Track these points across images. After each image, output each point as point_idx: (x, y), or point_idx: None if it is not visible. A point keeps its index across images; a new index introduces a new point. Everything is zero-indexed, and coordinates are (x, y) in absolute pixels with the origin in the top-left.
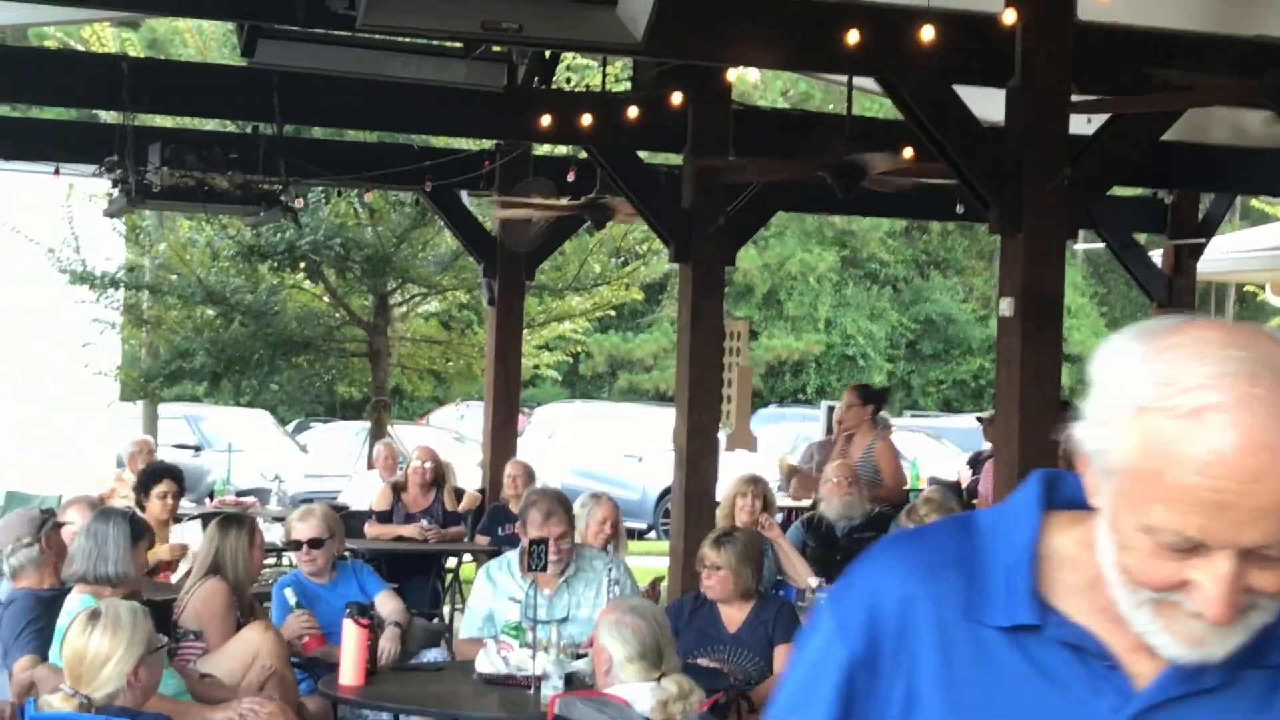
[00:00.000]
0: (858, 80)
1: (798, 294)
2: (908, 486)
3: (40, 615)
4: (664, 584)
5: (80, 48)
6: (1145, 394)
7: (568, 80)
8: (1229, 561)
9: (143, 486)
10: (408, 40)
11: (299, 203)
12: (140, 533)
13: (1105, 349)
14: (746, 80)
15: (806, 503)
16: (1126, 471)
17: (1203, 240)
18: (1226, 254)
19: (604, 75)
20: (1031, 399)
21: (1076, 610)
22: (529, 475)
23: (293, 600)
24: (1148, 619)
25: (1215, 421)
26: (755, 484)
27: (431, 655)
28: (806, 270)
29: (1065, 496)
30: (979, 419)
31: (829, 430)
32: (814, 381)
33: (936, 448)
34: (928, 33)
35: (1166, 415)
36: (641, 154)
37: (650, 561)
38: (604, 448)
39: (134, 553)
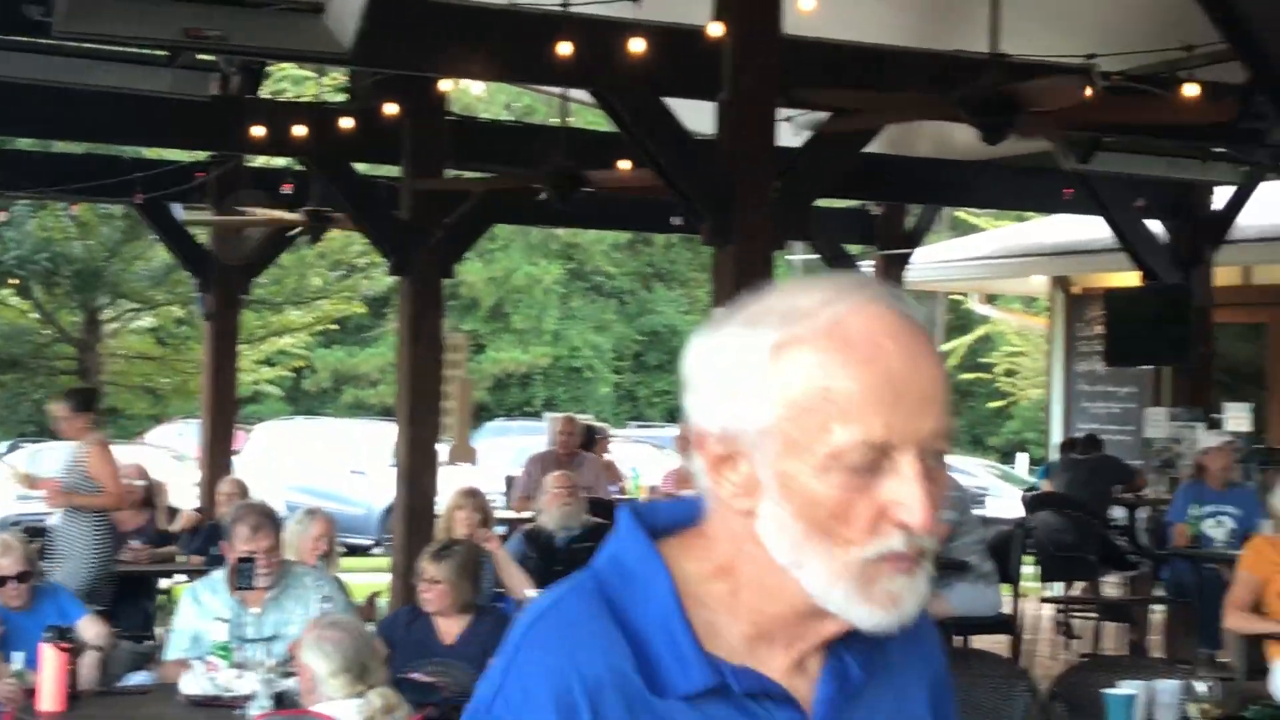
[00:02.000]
0: (579, 93)
1: (524, 307)
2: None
3: None
4: (382, 599)
5: None
6: (773, 335)
7: (283, 90)
8: (915, 461)
9: None
10: (110, 48)
11: (2, 215)
12: None
13: (699, 343)
14: (470, 93)
15: (528, 514)
16: (787, 417)
17: (908, 250)
18: (932, 264)
19: (319, 86)
20: None
21: (732, 652)
22: (243, 493)
23: None
24: (844, 588)
25: (858, 319)
26: (474, 497)
27: (138, 678)
28: (532, 283)
29: (662, 525)
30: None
31: (551, 442)
32: (541, 394)
33: (661, 458)
34: (637, 45)
35: (808, 337)
36: (360, 166)
37: (374, 577)
38: (328, 464)
39: None
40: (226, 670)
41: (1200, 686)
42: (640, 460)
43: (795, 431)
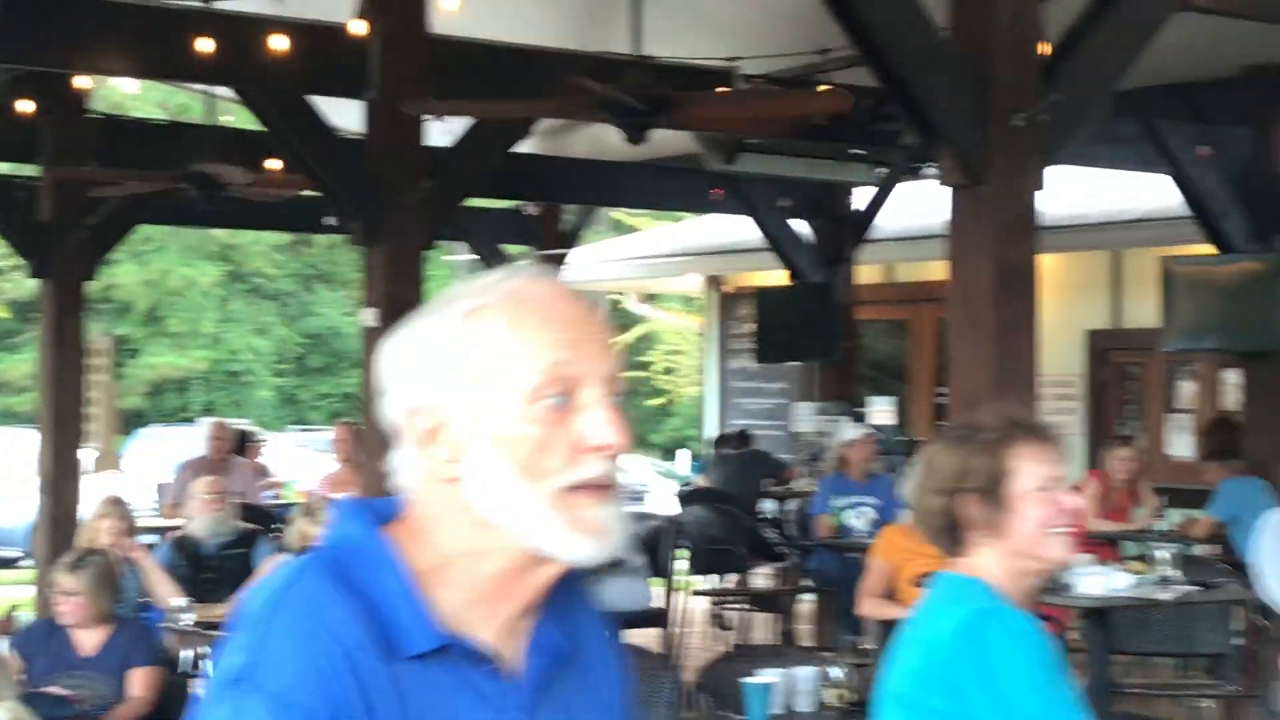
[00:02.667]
0: (227, 91)
1: (181, 310)
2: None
3: None
4: (20, 611)
5: None
6: (462, 308)
7: None
8: (602, 389)
9: None
10: None
11: None
12: None
13: (395, 340)
14: (120, 91)
15: (180, 521)
16: (484, 373)
17: (565, 251)
18: (590, 264)
19: None
20: None
21: (451, 618)
22: None
23: None
24: (553, 521)
25: (535, 286)
26: (117, 505)
27: None
28: (189, 285)
29: (382, 514)
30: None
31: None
32: (200, 399)
33: (321, 461)
34: (280, 42)
35: (493, 302)
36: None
37: (21, 590)
38: None
39: None
40: None
41: (836, 672)
42: (301, 464)
43: (493, 385)
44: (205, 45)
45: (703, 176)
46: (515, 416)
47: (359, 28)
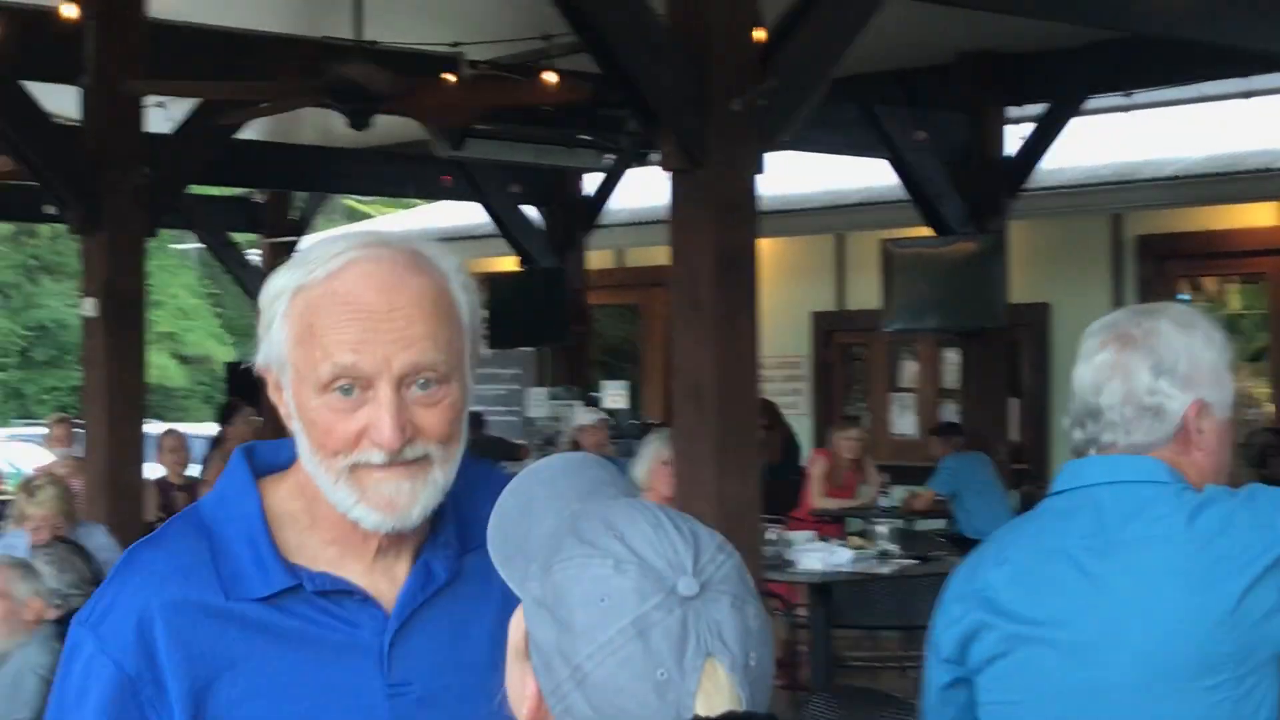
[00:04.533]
0: None
1: None
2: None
3: None
4: None
5: None
6: (291, 281)
7: None
8: (389, 389)
9: None
10: None
11: None
12: None
13: (261, 294)
14: None
15: None
16: (294, 351)
17: (295, 239)
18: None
19: None
20: (119, 397)
21: (314, 560)
22: None
23: None
24: (346, 491)
25: (351, 270)
26: None
27: None
28: None
29: (267, 462)
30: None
31: None
32: None
33: (42, 453)
34: None
35: (313, 284)
36: None
37: None
38: None
39: None
40: None
41: None
42: (23, 457)
43: (299, 363)
44: None
45: (432, 163)
46: (312, 398)
47: (70, 11)
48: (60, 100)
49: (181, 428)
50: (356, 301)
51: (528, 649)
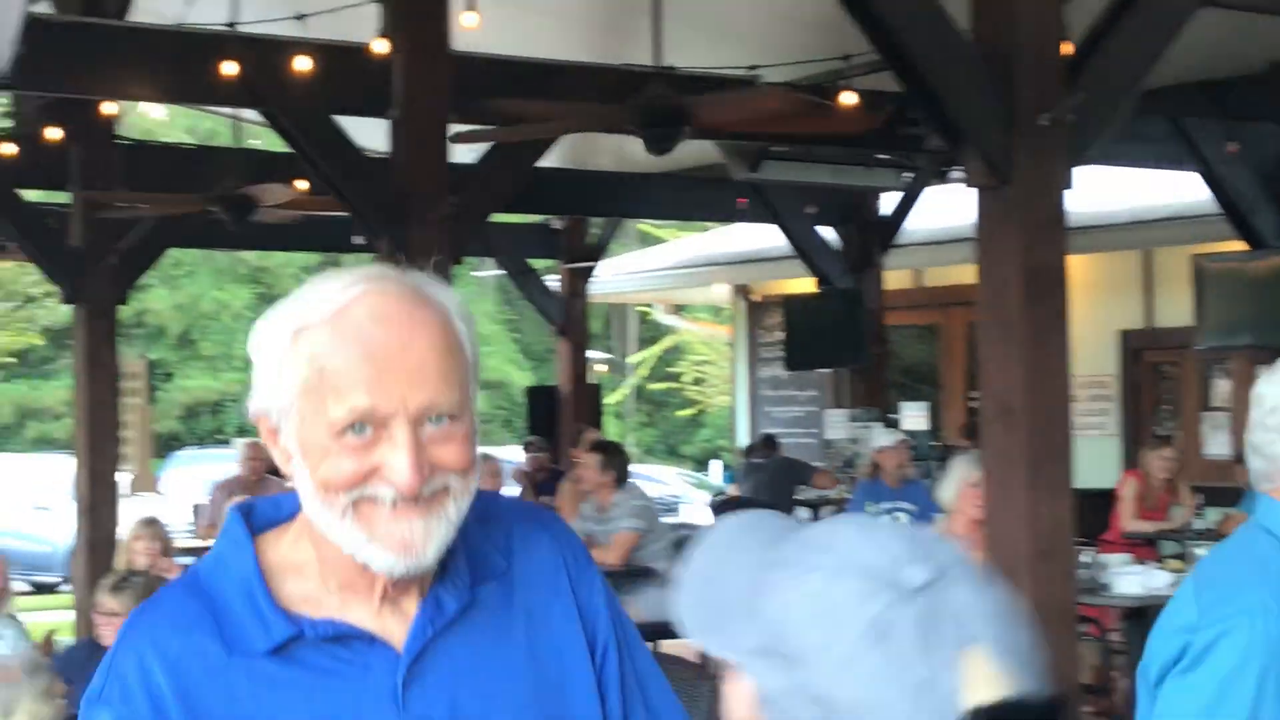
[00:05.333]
0: (253, 113)
1: (213, 333)
2: None
3: None
4: (63, 635)
5: None
6: (296, 320)
7: None
8: (405, 428)
9: None
10: None
11: None
12: None
13: (253, 336)
14: (149, 117)
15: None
16: (300, 393)
17: (592, 264)
18: (618, 276)
19: None
20: None
21: (318, 608)
22: None
23: None
24: (354, 531)
25: (360, 306)
26: (152, 526)
27: None
28: (220, 308)
29: (266, 518)
30: None
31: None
32: (234, 421)
33: None
34: (304, 63)
35: (317, 324)
36: (29, 193)
37: (61, 614)
38: (11, 500)
39: None
40: None
41: None
42: None
43: (306, 406)
44: (230, 68)
45: (728, 186)
46: (322, 439)
47: (381, 47)
48: (370, 134)
49: (494, 451)
50: (368, 340)
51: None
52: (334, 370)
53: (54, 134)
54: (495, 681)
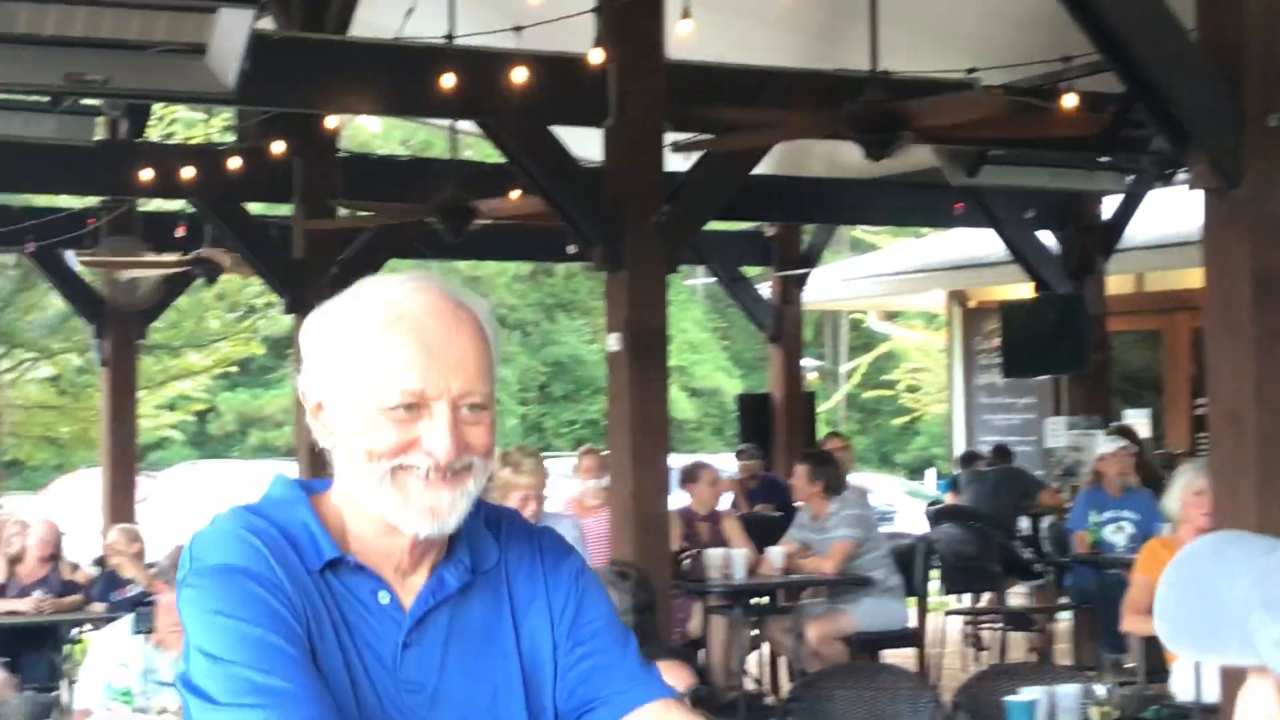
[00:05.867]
0: (471, 125)
1: None
2: None
3: None
4: None
5: None
6: (347, 311)
7: (174, 134)
8: (448, 410)
9: None
10: None
11: None
12: None
13: (305, 325)
14: (365, 130)
15: None
16: (352, 373)
17: (805, 271)
18: (831, 283)
19: (208, 127)
20: (642, 430)
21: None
22: (132, 540)
23: None
24: (390, 497)
25: (409, 301)
26: None
27: None
28: None
29: (306, 486)
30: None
31: None
32: None
33: (566, 484)
34: (520, 75)
35: (371, 315)
36: (253, 206)
37: None
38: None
39: None
40: (130, 717)
41: (1100, 690)
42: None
43: (357, 384)
44: (448, 81)
45: (944, 191)
46: (369, 417)
47: (597, 57)
48: (584, 143)
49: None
50: (420, 328)
51: None
52: (388, 355)
53: (278, 148)
54: (480, 657)
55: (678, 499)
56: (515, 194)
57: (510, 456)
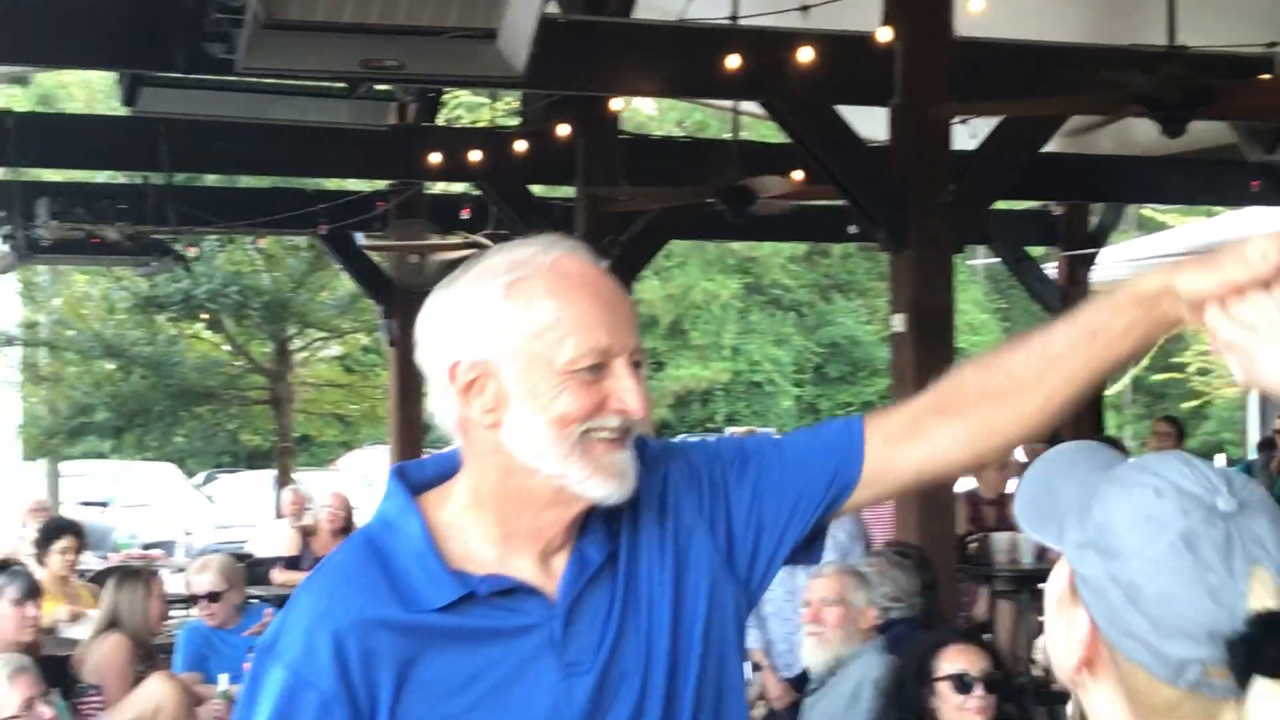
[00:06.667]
0: (751, 106)
1: (702, 323)
2: None
3: None
4: None
5: None
6: (503, 279)
7: (458, 118)
8: (627, 364)
9: (43, 543)
10: (290, 83)
11: (192, 251)
12: (28, 589)
13: (432, 303)
14: (642, 112)
15: None
16: (529, 336)
17: (1093, 251)
18: (1119, 263)
19: (493, 111)
20: None
21: (481, 565)
22: None
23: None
24: (579, 464)
25: (570, 261)
26: None
27: None
28: (710, 299)
29: (420, 480)
30: None
31: None
32: (722, 409)
33: None
34: (806, 54)
35: (534, 275)
36: (535, 187)
37: None
38: None
39: (19, 609)
40: None
41: None
42: None
43: (538, 347)
44: (733, 61)
45: (1240, 168)
46: (553, 379)
47: (885, 35)
48: (865, 123)
49: None
50: (594, 285)
51: (1072, 594)
52: (570, 315)
53: (564, 131)
54: (637, 622)
55: (964, 482)
56: (797, 174)
57: None
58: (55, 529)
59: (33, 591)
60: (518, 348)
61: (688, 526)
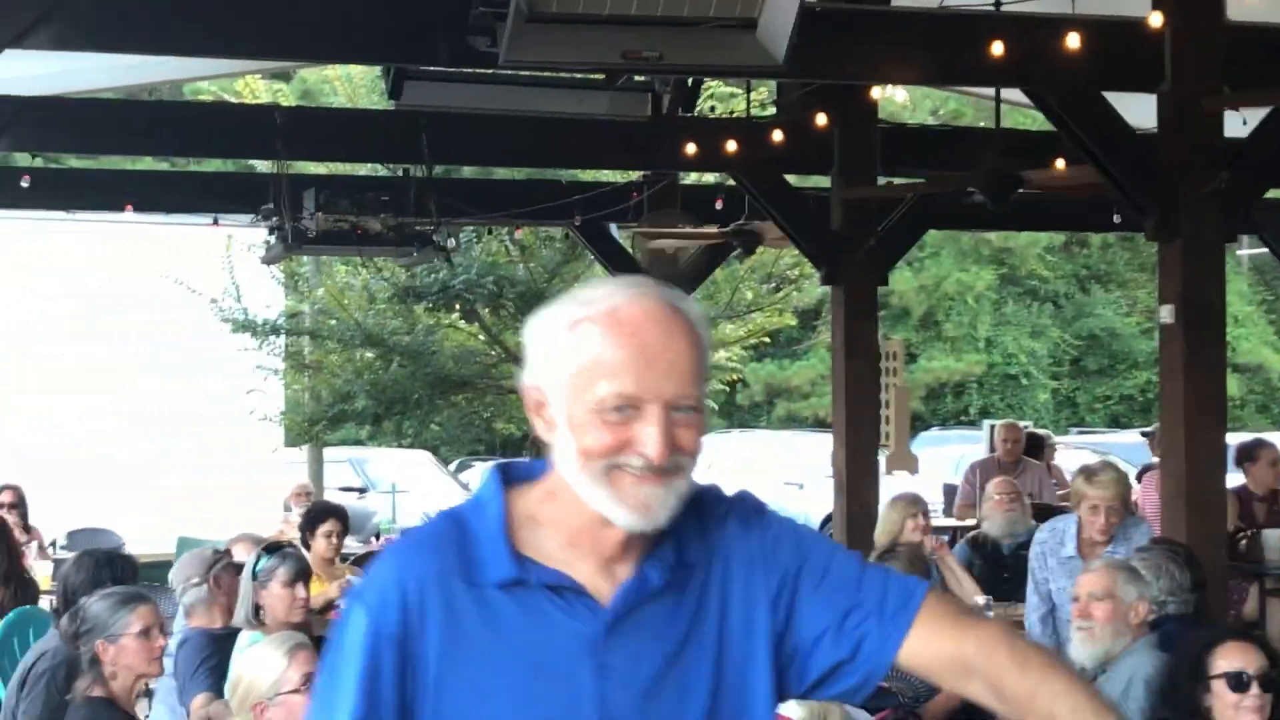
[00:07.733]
0: (1006, 93)
1: (956, 314)
2: None
3: (213, 653)
4: None
5: (234, 100)
6: (571, 315)
7: (711, 109)
8: (659, 411)
9: (308, 525)
10: (550, 75)
11: (451, 243)
12: (299, 571)
13: (532, 321)
14: (895, 101)
15: (970, 522)
16: (573, 373)
17: None
18: None
19: (748, 101)
20: (1196, 408)
21: (548, 558)
22: None
23: None
24: (604, 493)
25: (630, 307)
26: (917, 503)
27: None
28: (964, 290)
29: (519, 475)
30: (1144, 434)
31: (991, 449)
32: (976, 402)
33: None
34: (1074, 40)
35: (593, 316)
36: (789, 178)
37: None
38: (764, 477)
39: (290, 590)
40: None
41: None
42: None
43: (578, 383)
44: (996, 48)
45: None
46: (587, 414)
47: (1157, 20)
48: (1130, 110)
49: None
50: (639, 334)
51: None
52: (607, 359)
53: (821, 120)
54: (678, 654)
55: (1233, 478)
56: (1060, 163)
57: (1089, 466)
58: (320, 513)
59: (303, 573)
60: (564, 381)
61: (755, 599)
